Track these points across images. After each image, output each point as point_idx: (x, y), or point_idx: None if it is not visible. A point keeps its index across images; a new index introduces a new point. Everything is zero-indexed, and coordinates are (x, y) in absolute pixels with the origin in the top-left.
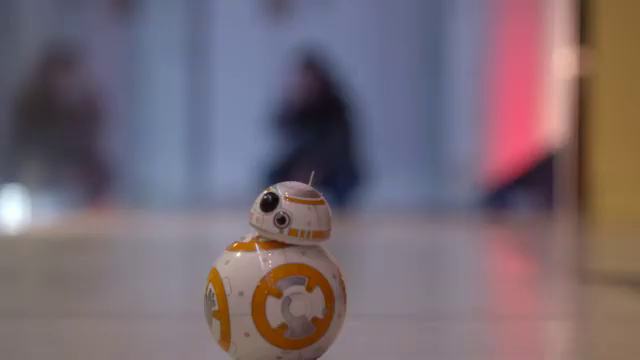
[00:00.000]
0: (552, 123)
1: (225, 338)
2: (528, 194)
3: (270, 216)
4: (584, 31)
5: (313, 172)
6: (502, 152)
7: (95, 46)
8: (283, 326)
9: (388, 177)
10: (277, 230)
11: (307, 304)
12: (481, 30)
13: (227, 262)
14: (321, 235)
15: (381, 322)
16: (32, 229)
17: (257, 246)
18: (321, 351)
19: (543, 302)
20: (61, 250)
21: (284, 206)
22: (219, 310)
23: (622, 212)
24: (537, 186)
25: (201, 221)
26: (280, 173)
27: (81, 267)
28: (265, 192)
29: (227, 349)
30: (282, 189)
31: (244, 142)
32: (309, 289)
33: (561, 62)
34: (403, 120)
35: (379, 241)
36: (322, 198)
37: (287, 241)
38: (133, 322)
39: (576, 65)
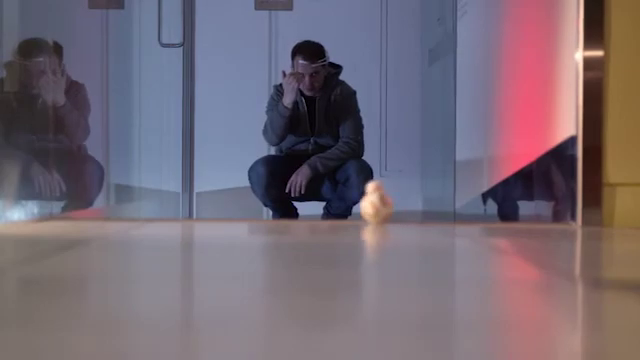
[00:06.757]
0: (562, 125)
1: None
2: (537, 197)
3: None
4: (596, 32)
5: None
6: (510, 154)
7: (80, 44)
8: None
9: (393, 178)
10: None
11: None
12: (489, 29)
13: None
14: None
15: (383, 329)
16: (11, 234)
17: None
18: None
19: (553, 310)
20: (41, 256)
21: None
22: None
23: (633, 216)
24: (547, 189)
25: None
26: (283, 173)
27: (62, 273)
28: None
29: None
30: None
31: (244, 143)
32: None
33: (572, 63)
34: (408, 120)
35: (384, 244)
36: None
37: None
38: (116, 332)
39: (587, 66)
